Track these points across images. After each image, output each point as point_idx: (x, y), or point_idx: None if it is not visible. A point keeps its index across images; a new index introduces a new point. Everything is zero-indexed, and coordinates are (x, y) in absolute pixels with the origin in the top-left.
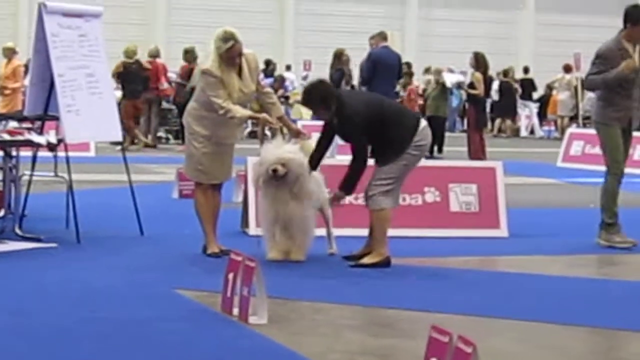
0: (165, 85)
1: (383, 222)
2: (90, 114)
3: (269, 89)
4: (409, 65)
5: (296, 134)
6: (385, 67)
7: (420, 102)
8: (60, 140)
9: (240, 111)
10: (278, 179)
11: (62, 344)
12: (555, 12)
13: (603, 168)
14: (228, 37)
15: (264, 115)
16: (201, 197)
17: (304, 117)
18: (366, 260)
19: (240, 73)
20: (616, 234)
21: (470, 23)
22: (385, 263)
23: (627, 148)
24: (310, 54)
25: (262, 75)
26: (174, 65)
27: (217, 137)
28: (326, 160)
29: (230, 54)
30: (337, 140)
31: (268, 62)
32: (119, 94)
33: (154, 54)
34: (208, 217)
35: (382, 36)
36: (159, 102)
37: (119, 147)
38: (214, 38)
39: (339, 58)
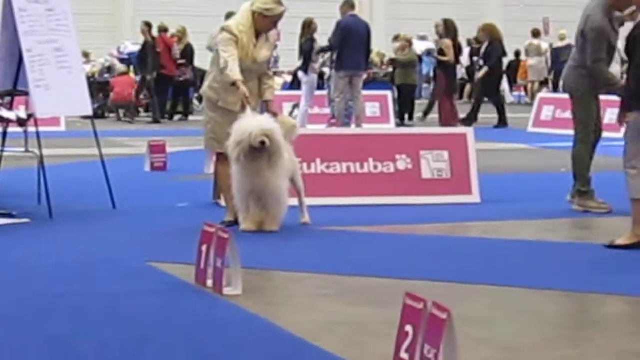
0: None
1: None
2: (60, 88)
3: (270, 72)
4: None
5: (274, 116)
6: (354, 36)
7: (390, 69)
8: (30, 116)
9: (234, 71)
10: (261, 150)
11: (35, 319)
12: None
13: (573, 132)
14: (280, 0)
15: (244, 90)
16: (221, 167)
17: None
18: (620, 241)
19: (257, 40)
20: (591, 199)
21: None
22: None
23: (599, 113)
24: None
25: None
26: (139, 38)
27: (225, 102)
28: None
29: (276, 19)
30: (308, 110)
31: None
32: (88, 68)
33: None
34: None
35: (350, 4)
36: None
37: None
38: None
39: (309, 27)
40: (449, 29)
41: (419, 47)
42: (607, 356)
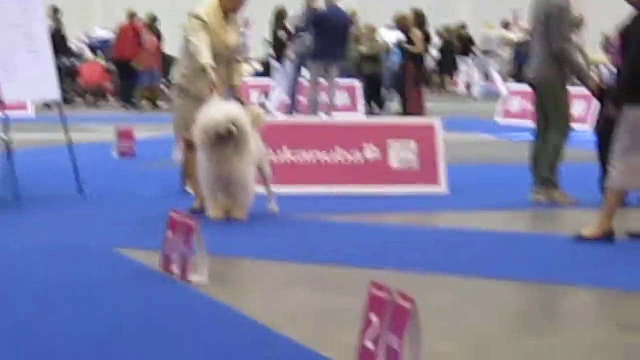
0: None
1: None
2: (28, 73)
3: (239, 58)
4: None
5: (241, 103)
6: (330, 26)
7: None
8: None
9: (204, 55)
10: (228, 137)
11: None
12: None
13: (535, 125)
14: None
15: (212, 75)
16: (189, 155)
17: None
18: (586, 232)
19: (226, 25)
20: (556, 189)
21: None
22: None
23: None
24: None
25: None
26: (110, 24)
27: (195, 89)
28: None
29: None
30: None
31: None
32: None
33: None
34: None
35: None
36: None
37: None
38: None
39: (281, 16)
40: (418, 19)
41: (389, 37)
42: (573, 347)
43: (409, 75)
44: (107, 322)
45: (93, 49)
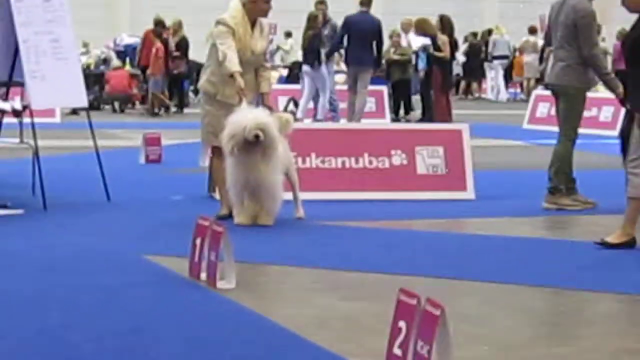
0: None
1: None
2: (56, 79)
3: (267, 64)
4: None
5: (270, 110)
6: (358, 33)
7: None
8: (25, 107)
9: (232, 62)
10: (255, 144)
11: (28, 311)
12: None
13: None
14: None
15: (240, 82)
16: (217, 161)
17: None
18: (610, 239)
19: (253, 31)
20: (564, 197)
21: None
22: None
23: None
24: (275, 18)
25: None
26: (140, 31)
27: (223, 95)
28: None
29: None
30: (326, 104)
31: None
32: (83, 59)
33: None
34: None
35: (360, 1)
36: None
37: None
38: None
39: (314, 21)
40: (444, 25)
41: (415, 42)
42: (601, 354)
43: (435, 81)
44: (135, 328)
45: (120, 55)
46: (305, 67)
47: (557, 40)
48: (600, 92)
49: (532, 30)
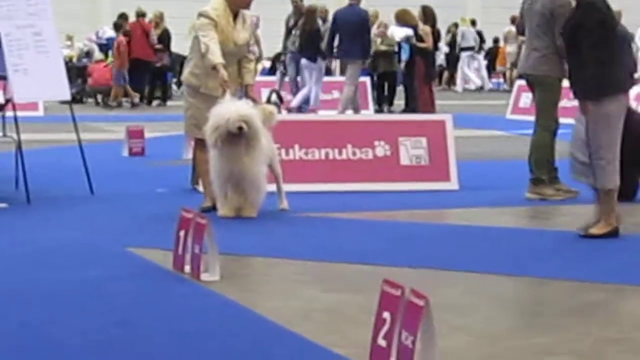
0: None
1: None
2: (38, 72)
3: (250, 55)
4: None
5: (253, 102)
6: (344, 25)
7: None
8: (8, 100)
9: (214, 54)
10: (239, 136)
11: (11, 305)
12: None
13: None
14: None
15: (223, 73)
16: (200, 153)
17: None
18: (594, 230)
19: (235, 23)
20: (547, 187)
21: None
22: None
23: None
24: (256, 9)
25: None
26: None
27: (206, 87)
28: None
29: None
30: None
31: None
32: (66, 52)
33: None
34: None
35: None
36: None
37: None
38: None
39: (312, 13)
40: (427, 15)
41: (398, 33)
42: (582, 344)
43: (418, 72)
44: (119, 321)
45: (103, 48)
46: (304, 61)
47: (532, 29)
48: None
49: (514, 20)
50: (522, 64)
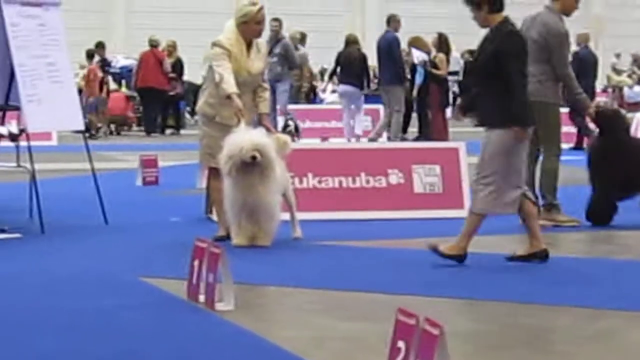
0: None
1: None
2: (52, 103)
3: (265, 85)
4: None
5: (268, 131)
6: (378, 53)
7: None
8: (22, 130)
9: (228, 83)
10: (253, 165)
11: (25, 334)
12: None
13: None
14: (255, 1)
15: (238, 103)
16: (215, 182)
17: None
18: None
19: (249, 52)
20: (559, 213)
21: (433, 2)
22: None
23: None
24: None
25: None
26: (135, 52)
27: (221, 117)
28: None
29: (256, 19)
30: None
31: None
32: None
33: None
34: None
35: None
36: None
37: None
38: (237, 7)
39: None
40: (442, 43)
41: (416, 54)
42: None
43: (433, 99)
44: (133, 350)
45: (116, 77)
46: (345, 87)
47: (529, 55)
48: None
49: None
50: None
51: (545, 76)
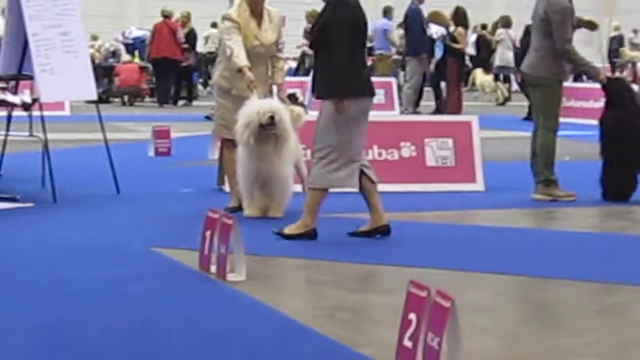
0: None
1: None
2: (65, 72)
3: (280, 55)
4: None
5: (282, 102)
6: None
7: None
8: (35, 100)
9: (239, 57)
10: (270, 130)
11: (37, 303)
12: None
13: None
14: None
15: (249, 75)
16: (227, 153)
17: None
18: (287, 230)
19: (260, 24)
20: (557, 187)
21: None
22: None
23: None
24: (284, 9)
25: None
26: (148, 24)
27: (237, 89)
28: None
29: None
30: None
31: None
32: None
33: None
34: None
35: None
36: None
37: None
38: None
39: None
40: (459, 16)
41: (435, 29)
42: (608, 346)
43: (451, 72)
44: (143, 320)
45: (129, 48)
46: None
47: (534, 30)
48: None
49: None
50: (524, 62)
51: (545, 51)
